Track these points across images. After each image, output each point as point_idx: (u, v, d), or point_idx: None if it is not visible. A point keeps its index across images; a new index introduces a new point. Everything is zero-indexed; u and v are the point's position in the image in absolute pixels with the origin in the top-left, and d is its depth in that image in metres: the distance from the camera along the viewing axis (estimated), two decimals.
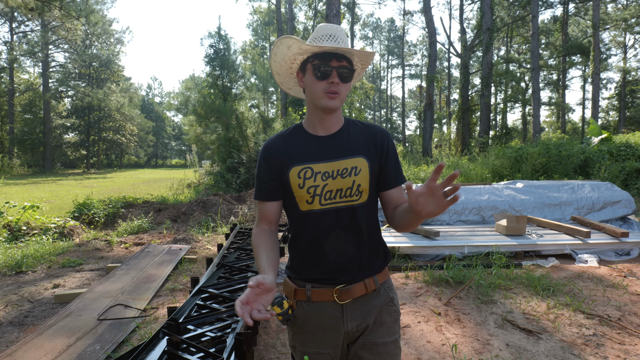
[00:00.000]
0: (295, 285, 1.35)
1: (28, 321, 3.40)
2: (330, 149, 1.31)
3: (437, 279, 4.14)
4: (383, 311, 1.35)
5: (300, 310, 1.33)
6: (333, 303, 1.30)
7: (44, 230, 6.60)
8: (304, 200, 1.28)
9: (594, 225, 5.56)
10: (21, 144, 34.11)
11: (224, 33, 15.38)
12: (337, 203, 1.28)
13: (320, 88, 1.25)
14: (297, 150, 1.31)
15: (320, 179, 1.27)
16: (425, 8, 19.42)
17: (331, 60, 1.24)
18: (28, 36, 35.02)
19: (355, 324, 1.31)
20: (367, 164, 1.30)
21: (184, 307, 2.49)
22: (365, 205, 1.31)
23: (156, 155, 63.36)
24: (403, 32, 50.46)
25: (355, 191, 1.28)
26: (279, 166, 1.31)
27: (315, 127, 1.34)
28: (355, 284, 1.30)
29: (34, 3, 9.70)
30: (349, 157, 1.30)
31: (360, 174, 1.28)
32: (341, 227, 1.28)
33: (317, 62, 1.24)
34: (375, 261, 1.35)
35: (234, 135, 13.94)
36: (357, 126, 1.37)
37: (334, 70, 1.24)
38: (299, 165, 1.29)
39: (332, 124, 1.33)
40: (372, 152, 1.33)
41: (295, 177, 1.28)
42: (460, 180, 10.10)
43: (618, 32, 34.61)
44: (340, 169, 1.28)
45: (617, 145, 10.32)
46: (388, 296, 1.37)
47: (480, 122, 18.05)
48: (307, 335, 1.33)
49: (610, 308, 3.44)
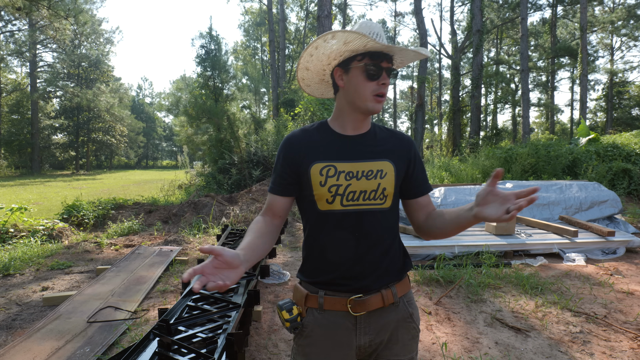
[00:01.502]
0: (307, 291, 1.26)
1: (16, 324, 3.36)
2: (357, 150, 1.25)
3: (427, 279, 4.18)
4: (400, 327, 1.26)
5: (311, 318, 1.24)
6: (346, 314, 1.21)
7: (32, 233, 6.52)
8: (324, 199, 1.21)
9: (581, 225, 5.65)
10: (8, 145, 33.61)
11: (215, 33, 15.32)
12: (359, 205, 1.21)
13: (369, 89, 1.19)
14: (321, 147, 1.24)
15: (343, 179, 1.20)
16: (416, 10, 19.55)
17: (382, 61, 1.19)
18: (15, 35, 34.51)
19: (369, 338, 1.23)
20: (393, 168, 1.25)
21: (175, 308, 2.48)
22: (389, 210, 1.25)
23: (147, 156, 62.85)
24: (394, 33, 50.72)
25: (380, 194, 1.22)
26: (298, 161, 1.24)
27: (344, 126, 1.27)
28: (372, 295, 1.22)
29: (22, 2, 9.57)
30: (376, 159, 1.24)
31: (386, 177, 1.23)
32: (361, 231, 1.21)
33: (368, 61, 1.18)
34: (394, 268, 1.27)
35: (225, 136, 13.88)
36: (384, 131, 1.33)
37: (384, 71, 1.19)
38: (322, 162, 1.22)
39: (363, 125, 1.28)
40: (398, 158, 1.28)
41: (317, 175, 1.21)
42: (451, 181, 10.19)
43: (605, 35, 35.22)
44: (366, 170, 1.22)
45: (604, 146, 10.49)
46: (407, 312, 1.28)
47: (471, 123, 18.22)
48: (314, 349, 1.24)
49: (597, 306, 3.51)
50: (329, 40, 1.16)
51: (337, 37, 1.14)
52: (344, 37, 1.13)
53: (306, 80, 1.35)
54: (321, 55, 1.22)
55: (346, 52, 1.19)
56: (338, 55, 1.21)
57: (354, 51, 1.18)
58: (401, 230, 5.60)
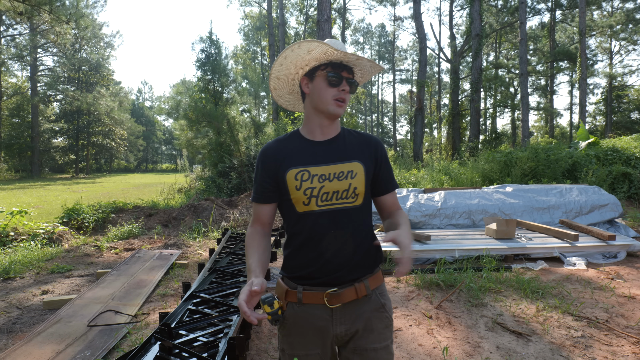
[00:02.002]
0: (287, 286, 1.38)
1: (17, 328, 3.35)
2: (328, 153, 1.36)
3: (428, 283, 4.17)
4: (373, 317, 1.37)
5: (291, 311, 1.36)
6: (323, 306, 1.33)
7: (33, 236, 6.51)
8: (301, 201, 1.32)
9: (581, 229, 5.65)
10: (8, 148, 33.60)
11: (216, 38, 15.38)
12: (333, 205, 1.32)
13: (330, 94, 1.32)
14: (295, 154, 1.36)
15: (317, 181, 1.31)
16: (416, 14, 19.64)
17: (342, 71, 1.33)
18: (16, 39, 34.61)
19: (344, 328, 1.34)
20: (362, 168, 1.36)
21: (176, 312, 2.48)
22: (361, 208, 1.37)
23: (146, 159, 62.84)
24: (394, 37, 50.93)
25: (351, 194, 1.33)
26: (275, 169, 1.35)
27: (314, 133, 1.39)
28: (346, 288, 1.33)
29: (24, 7, 9.61)
30: (346, 161, 1.35)
31: (356, 177, 1.34)
32: (337, 228, 1.32)
33: (330, 70, 1.32)
34: (367, 262, 1.38)
35: (225, 140, 13.89)
36: (352, 134, 1.44)
37: (344, 80, 1.33)
38: (296, 168, 1.33)
39: (331, 130, 1.39)
40: (367, 159, 1.39)
41: (292, 180, 1.32)
42: (451, 185, 10.19)
43: (604, 39, 35.32)
44: (337, 172, 1.33)
45: (604, 149, 10.50)
46: (379, 302, 1.39)
47: (470, 127, 18.25)
48: (296, 338, 1.36)
49: (598, 310, 3.50)
50: (296, 49, 1.29)
51: (302, 46, 1.28)
52: (308, 46, 1.27)
53: (278, 90, 1.48)
54: (290, 64, 1.35)
55: (311, 61, 1.33)
56: (304, 65, 1.35)
57: (317, 60, 1.32)
58: None
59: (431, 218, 6.25)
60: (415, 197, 6.57)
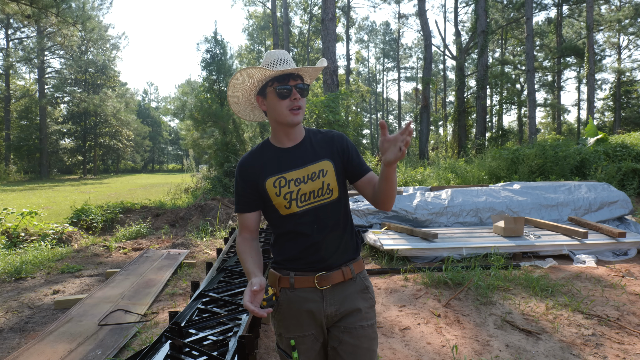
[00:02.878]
0: (279, 274, 1.48)
1: (29, 327, 3.40)
2: (298, 157, 1.47)
3: (436, 281, 4.16)
4: (359, 298, 1.48)
5: (284, 297, 1.46)
6: (314, 289, 1.44)
7: (43, 237, 6.58)
8: (283, 205, 1.43)
9: (591, 226, 5.60)
10: (17, 150, 33.98)
11: (220, 38, 15.43)
12: (312, 203, 1.44)
13: (284, 106, 1.40)
14: (269, 164, 1.47)
15: (293, 185, 1.43)
16: (420, 11, 19.54)
17: (289, 81, 1.40)
18: (24, 42, 34.95)
19: (334, 308, 1.44)
20: (331, 165, 1.47)
21: (186, 311, 2.50)
22: (338, 201, 1.49)
23: (153, 160, 63.20)
24: (398, 35, 50.74)
25: (326, 190, 1.45)
26: (254, 180, 1.46)
27: (282, 141, 1.49)
28: (334, 271, 1.45)
29: (31, 10, 9.70)
30: (315, 161, 1.46)
31: (327, 175, 1.46)
32: (319, 223, 1.44)
33: (277, 85, 1.40)
34: (350, 248, 1.51)
35: (231, 140, 13.94)
36: (317, 134, 1.54)
37: (293, 89, 1.40)
38: (272, 176, 1.44)
39: (296, 135, 1.49)
40: (334, 154, 1.49)
41: (271, 187, 1.43)
42: (458, 182, 10.14)
43: (612, 33, 34.89)
44: (310, 173, 1.44)
45: (613, 145, 10.39)
46: (363, 285, 1.52)
47: (476, 124, 18.14)
48: (291, 321, 1.46)
49: (609, 308, 3.47)
50: (240, 78, 1.42)
51: (243, 74, 1.41)
52: (248, 73, 1.40)
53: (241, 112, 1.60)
54: (240, 90, 1.48)
55: (257, 83, 1.44)
56: (253, 87, 1.46)
57: (261, 80, 1.42)
58: (408, 232, 5.59)
59: (438, 216, 6.23)
60: (421, 195, 6.54)
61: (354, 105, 23.89)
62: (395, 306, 3.65)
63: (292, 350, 1.40)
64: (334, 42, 13.05)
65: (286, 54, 1.45)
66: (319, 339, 1.48)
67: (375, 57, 58.24)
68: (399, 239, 5.36)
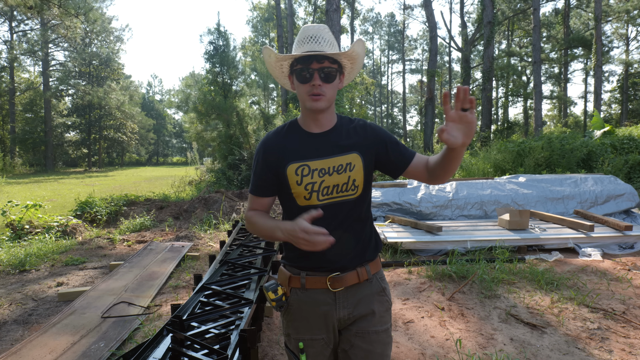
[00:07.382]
0: (290, 273, 1.40)
1: (32, 319, 3.41)
2: (326, 146, 1.35)
3: (440, 274, 4.13)
4: (375, 301, 1.39)
5: (295, 297, 1.38)
6: (326, 291, 1.35)
7: (47, 229, 6.61)
8: (302, 196, 1.33)
9: (597, 219, 5.54)
10: (22, 143, 34.17)
11: (224, 29, 15.35)
12: (334, 198, 1.33)
13: (304, 91, 1.29)
14: (294, 148, 1.35)
15: (317, 176, 1.32)
16: (426, 2, 19.30)
17: (312, 63, 1.26)
18: (28, 35, 34.97)
19: (347, 311, 1.36)
20: (360, 159, 1.35)
21: (188, 304, 2.49)
22: (361, 199, 1.38)
23: (157, 153, 63.38)
24: (403, 26, 50.22)
25: (351, 186, 1.34)
26: (276, 163, 1.35)
27: (309, 125, 1.38)
28: (349, 272, 1.35)
29: (33, 1, 9.66)
30: (344, 153, 1.34)
31: (354, 170, 1.34)
32: (337, 220, 1.33)
33: (299, 67, 1.28)
34: (368, 249, 1.41)
35: (234, 132, 13.92)
36: (350, 123, 1.42)
37: (315, 73, 1.26)
38: (296, 162, 1.33)
39: (325, 122, 1.37)
40: (365, 147, 1.37)
41: (292, 175, 1.32)
42: (463, 175, 10.07)
43: (620, 25, 34.35)
44: (336, 165, 1.33)
45: (620, 138, 10.27)
46: (380, 286, 1.42)
47: (482, 117, 17.99)
48: (301, 322, 1.38)
49: (615, 302, 3.43)
50: (264, 56, 1.37)
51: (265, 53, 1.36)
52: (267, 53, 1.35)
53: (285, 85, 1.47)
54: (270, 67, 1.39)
55: (281, 62, 1.35)
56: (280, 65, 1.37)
57: (279, 61, 1.34)
58: (412, 225, 5.55)
59: (443, 209, 6.19)
60: (426, 187, 6.50)
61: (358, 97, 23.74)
62: (399, 299, 3.63)
63: (301, 353, 1.34)
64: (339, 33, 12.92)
65: (322, 29, 1.29)
66: (330, 345, 1.39)
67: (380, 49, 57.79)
68: (403, 231, 5.33)
